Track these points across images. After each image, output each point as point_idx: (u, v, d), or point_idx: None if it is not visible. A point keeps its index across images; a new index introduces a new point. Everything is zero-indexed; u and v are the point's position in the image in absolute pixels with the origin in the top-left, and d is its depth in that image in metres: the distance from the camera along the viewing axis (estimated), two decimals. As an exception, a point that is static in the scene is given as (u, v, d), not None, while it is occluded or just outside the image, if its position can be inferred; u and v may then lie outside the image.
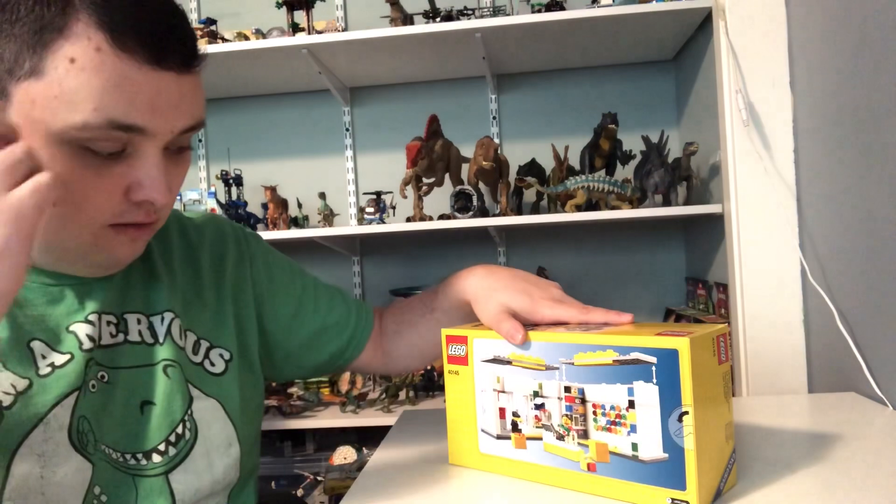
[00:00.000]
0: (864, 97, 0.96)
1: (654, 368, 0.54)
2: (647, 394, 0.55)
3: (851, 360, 0.99)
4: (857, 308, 1.01)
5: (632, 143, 1.67)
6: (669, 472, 0.54)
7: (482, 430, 0.67)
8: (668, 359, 0.53)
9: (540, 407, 0.62)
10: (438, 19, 1.56)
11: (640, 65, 1.83)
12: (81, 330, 0.62)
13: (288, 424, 1.58)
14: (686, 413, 0.53)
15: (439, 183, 1.60)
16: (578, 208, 1.50)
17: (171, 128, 0.56)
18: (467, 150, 1.65)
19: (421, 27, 1.51)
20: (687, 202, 1.55)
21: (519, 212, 1.72)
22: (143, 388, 0.65)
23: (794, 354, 1.25)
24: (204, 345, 0.71)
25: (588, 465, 0.59)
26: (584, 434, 0.59)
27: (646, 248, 1.84)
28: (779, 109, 1.26)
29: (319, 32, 1.59)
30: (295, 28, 1.64)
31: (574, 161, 1.65)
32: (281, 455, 1.72)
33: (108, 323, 0.65)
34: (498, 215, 1.59)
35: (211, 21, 1.64)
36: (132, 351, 0.66)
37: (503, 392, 0.65)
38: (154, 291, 0.69)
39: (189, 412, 0.67)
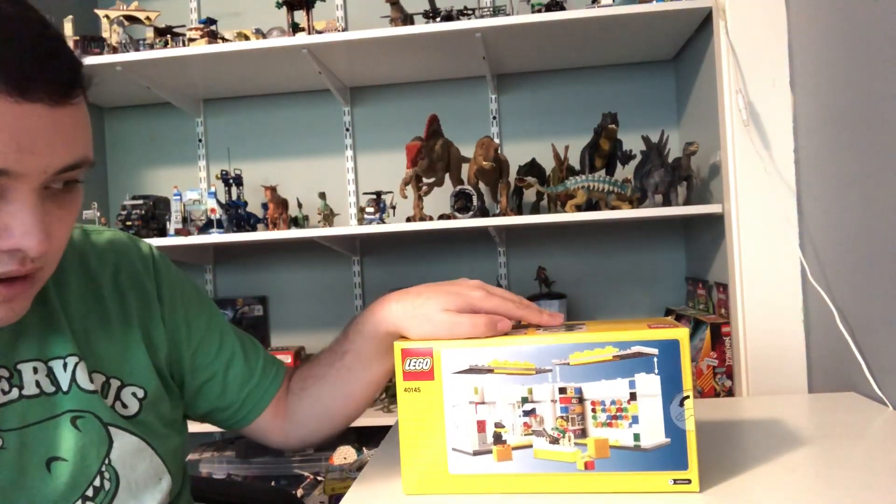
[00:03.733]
0: (864, 97, 0.96)
1: (655, 359, 0.57)
2: (650, 384, 0.58)
3: (851, 360, 0.99)
4: (857, 308, 1.01)
5: (632, 143, 1.67)
6: (672, 455, 0.58)
7: (454, 450, 0.62)
8: (669, 349, 0.57)
9: (530, 413, 0.60)
10: (438, 19, 1.56)
11: (640, 65, 1.83)
12: None
13: (288, 424, 1.58)
14: (687, 397, 0.57)
15: (439, 183, 1.60)
16: (578, 208, 1.50)
17: (43, 168, 0.49)
18: (467, 150, 1.65)
19: (421, 27, 1.51)
20: (687, 202, 1.55)
21: (519, 212, 1.72)
22: (48, 445, 0.58)
23: (794, 354, 1.25)
24: (114, 384, 0.64)
25: (586, 463, 0.59)
26: (583, 433, 0.59)
27: (646, 248, 1.84)
28: (779, 109, 1.26)
29: (319, 32, 1.59)
30: (295, 28, 1.64)
31: (574, 161, 1.65)
32: (281, 455, 1.72)
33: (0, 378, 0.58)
34: (498, 215, 1.59)
35: (211, 21, 1.64)
36: (30, 406, 0.58)
37: (482, 403, 0.61)
38: (52, 333, 0.61)
39: (107, 461, 0.61)
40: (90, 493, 0.59)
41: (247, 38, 1.64)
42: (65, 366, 0.61)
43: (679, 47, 1.71)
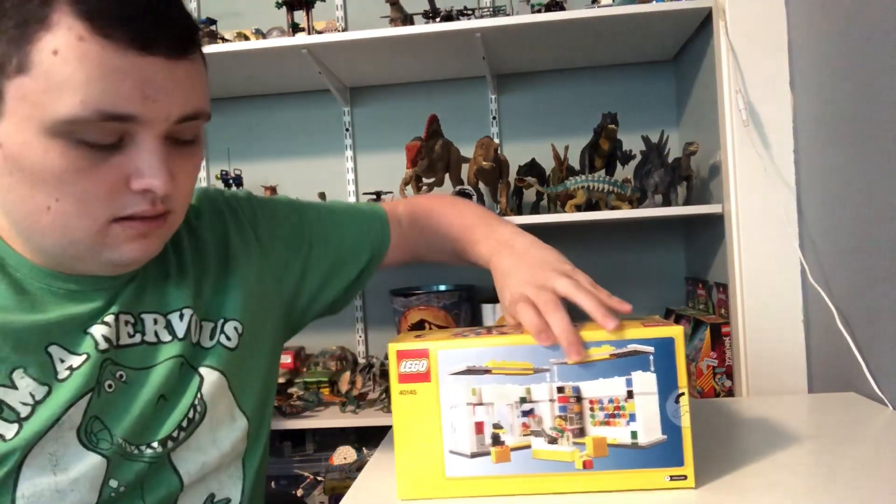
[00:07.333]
0: (865, 98, 0.96)
1: (651, 358, 0.58)
2: (646, 382, 0.58)
3: (851, 360, 0.99)
4: (857, 308, 1.01)
5: (632, 143, 1.67)
6: (668, 451, 0.58)
7: (451, 452, 0.61)
8: (665, 347, 0.58)
9: (528, 413, 0.60)
10: (438, 19, 1.56)
11: (640, 65, 1.83)
12: (98, 331, 0.63)
13: (288, 424, 1.58)
14: (682, 394, 0.58)
15: (439, 183, 1.60)
16: (578, 208, 1.50)
17: (165, 115, 0.55)
18: (467, 150, 1.65)
19: (421, 27, 1.51)
20: (687, 202, 1.55)
21: (519, 212, 1.72)
22: (157, 384, 0.65)
23: (794, 354, 1.25)
24: (219, 324, 0.71)
25: (584, 462, 0.59)
26: (581, 432, 0.59)
27: (646, 248, 1.84)
28: (779, 109, 1.26)
29: (319, 32, 1.59)
30: (295, 28, 1.64)
31: (574, 161, 1.65)
32: (281, 455, 1.72)
33: (126, 323, 0.65)
34: (498, 215, 1.59)
35: (211, 21, 1.64)
36: (148, 351, 0.66)
37: (480, 404, 0.60)
38: (170, 290, 0.69)
39: (199, 395, 0.68)
40: (185, 423, 0.67)
41: (247, 38, 1.64)
42: (181, 316, 0.68)
43: (679, 47, 1.71)
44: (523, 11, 1.55)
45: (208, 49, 1.55)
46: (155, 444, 0.65)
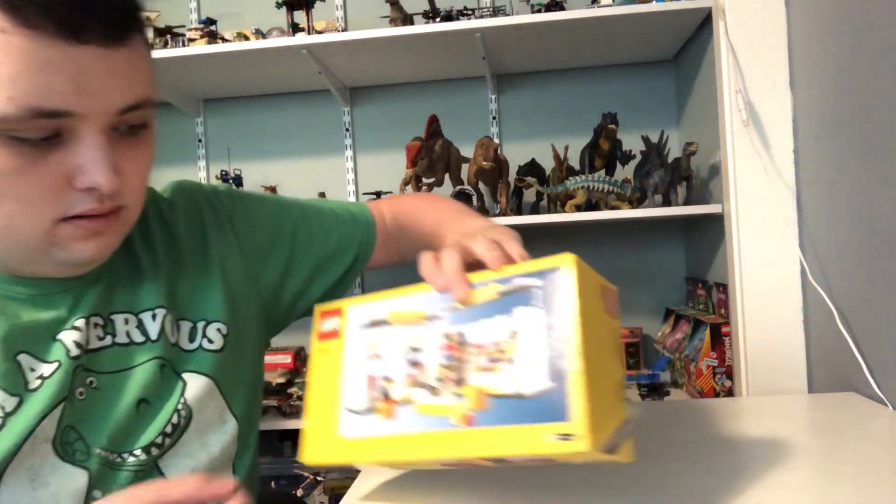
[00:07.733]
0: (864, 97, 0.96)
1: (537, 292, 0.49)
2: (531, 320, 0.49)
3: (851, 360, 0.99)
4: (857, 308, 1.01)
5: (632, 143, 1.67)
6: (554, 403, 0.46)
7: (347, 409, 0.56)
8: (555, 280, 0.49)
9: (415, 364, 0.54)
10: (438, 19, 1.56)
11: (640, 65, 1.83)
12: (69, 337, 0.60)
13: (288, 424, 1.58)
14: (570, 330, 0.46)
15: (439, 183, 1.60)
16: (578, 208, 1.50)
17: (103, 108, 0.51)
18: (467, 150, 1.65)
19: (421, 27, 1.51)
20: (687, 202, 1.55)
21: (519, 212, 1.72)
22: (136, 388, 0.62)
23: (794, 354, 1.25)
24: (200, 326, 0.68)
25: (465, 417, 0.49)
26: (461, 382, 0.51)
27: (646, 248, 1.84)
28: (779, 109, 1.26)
29: (319, 32, 1.59)
30: (295, 28, 1.64)
31: (574, 161, 1.65)
32: (281, 455, 1.72)
33: (96, 325, 0.62)
34: (498, 215, 1.59)
35: (211, 21, 1.64)
36: (121, 353, 0.63)
37: (375, 357, 0.56)
38: (141, 287, 0.66)
39: (183, 400, 0.65)
40: (169, 429, 0.64)
41: (247, 38, 1.64)
42: (153, 316, 0.65)
43: (679, 47, 1.71)
44: (523, 11, 1.55)
45: (208, 49, 1.56)
46: (138, 452, 0.62)
